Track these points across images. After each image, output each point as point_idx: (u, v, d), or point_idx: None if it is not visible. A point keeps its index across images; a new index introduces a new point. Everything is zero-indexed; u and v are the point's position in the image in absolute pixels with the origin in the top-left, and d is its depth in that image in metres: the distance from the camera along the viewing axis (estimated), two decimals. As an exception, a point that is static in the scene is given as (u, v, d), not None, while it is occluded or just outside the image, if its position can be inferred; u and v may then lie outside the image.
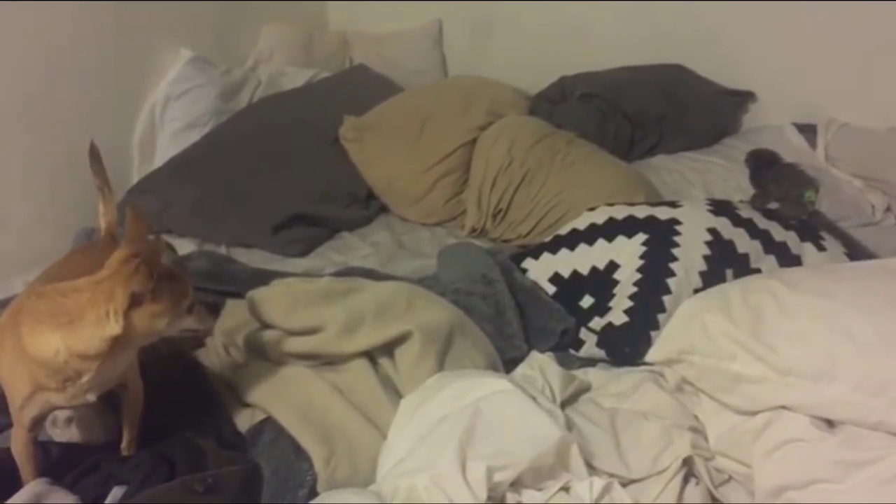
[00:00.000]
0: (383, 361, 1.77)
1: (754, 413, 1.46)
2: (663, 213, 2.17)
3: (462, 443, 1.36)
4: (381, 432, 1.65)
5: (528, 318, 2.08)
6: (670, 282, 1.99)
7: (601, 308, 2.05)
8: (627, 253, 2.09)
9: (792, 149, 3.12)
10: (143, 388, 1.67)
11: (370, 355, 1.78)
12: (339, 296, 1.84)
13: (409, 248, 2.79)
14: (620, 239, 2.13)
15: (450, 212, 2.94)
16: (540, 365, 1.71)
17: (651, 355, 1.59)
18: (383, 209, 3.04)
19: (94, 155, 1.89)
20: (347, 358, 1.76)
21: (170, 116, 3.15)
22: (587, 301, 2.10)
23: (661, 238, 2.08)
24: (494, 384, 1.49)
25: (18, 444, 1.61)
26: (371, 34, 3.91)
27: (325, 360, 1.79)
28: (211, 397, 1.79)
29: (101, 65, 2.91)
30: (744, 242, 2.12)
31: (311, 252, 2.73)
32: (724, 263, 2.06)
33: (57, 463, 1.67)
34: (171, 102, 3.16)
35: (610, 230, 2.17)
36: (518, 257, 2.32)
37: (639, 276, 2.02)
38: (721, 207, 2.22)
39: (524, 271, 2.25)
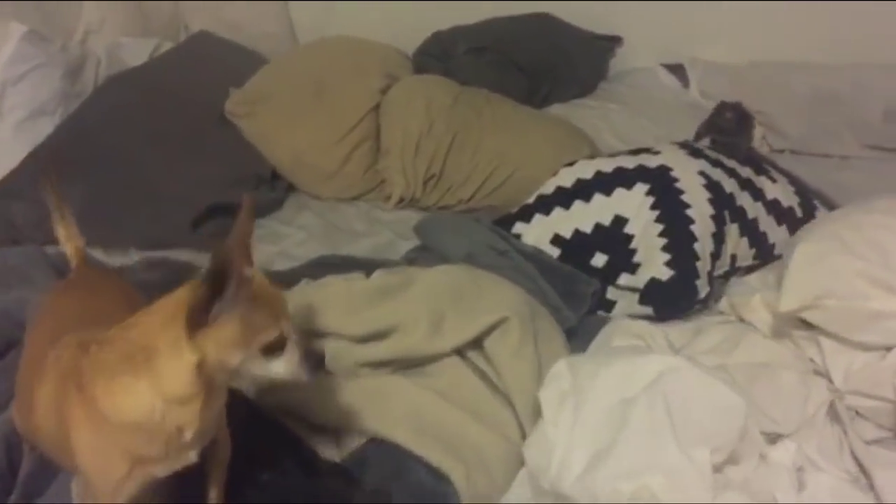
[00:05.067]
0: (472, 354, 1.60)
1: (890, 348, 1.50)
2: (650, 161, 2.16)
3: (677, 432, 1.26)
4: (500, 433, 1.51)
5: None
6: (694, 229, 1.99)
7: (624, 264, 2.00)
8: (633, 205, 2.06)
9: (664, 89, 3.26)
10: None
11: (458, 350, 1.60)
12: (398, 290, 1.64)
13: (342, 227, 2.57)
14: (620, 191, 2.09)
15: (369, 183, 2.74)
16: (638, 332, 1.64)
17: (784, 305, 1.56)
18: (290, 189, 2.76)
19: (48, 170, 1.53)
20: (436, 357, 1.57)
21: (10, 104, 2.64)
22: (599, 259, 2.04)
23: (663, 187, 2.07)
24: (661, 361, 1.40)
25: None
26: (206, -4, 3.50)
27: (405, 365, 1.59)
28: (273, 423, 1.52)
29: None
30: (727, 182, 2.17)
31: (238, 245, 2.41)
32: (722, 205, 2.09)
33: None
34: (8, 88, 2.64)
35: (603, 183, 2.12)
36: (503, 223, 2.20)
37: (661, 226, 1.99)
38: (692, 150, 2.25)
39: (517, 236, 2.14)
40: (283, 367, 1.20)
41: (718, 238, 2.02)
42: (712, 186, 2.11)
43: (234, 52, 3.21)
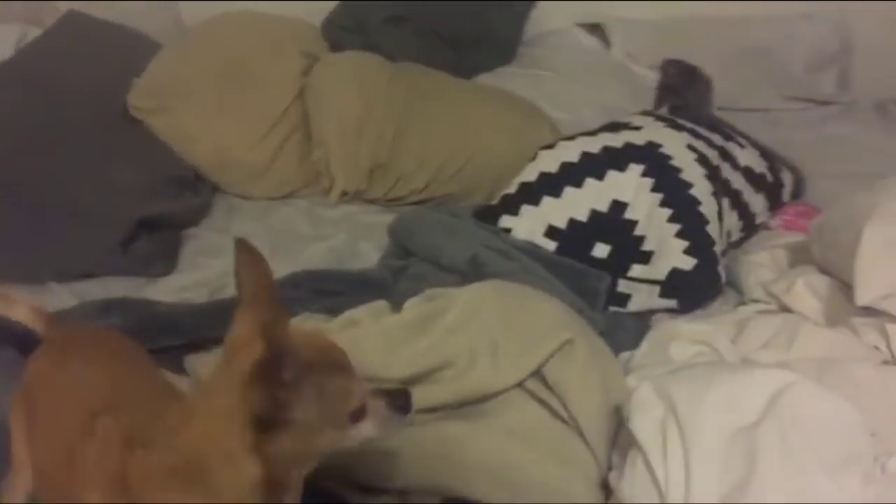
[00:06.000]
0: (529, 382, 1.41)
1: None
2: (635, 138, 2.03)
3: (821, 459, 1.14)
4: (580, 470, 1.35)
5: (553, 283, 1.82)
6: (703, 210, 1.88)
7: (632, 254, 1.86)
8: (630, 188, 1.92)
9: (587, 51, 3.13)
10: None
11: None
12: (434, 319, 1.43)
13: (285, 231, 2.30)
14: (613, 174, 1.95)
15: (304, 178, 2.47)
16: (698, 337, 1.51)
17: (862, 298, 1.46)
18: (214, 190, 2.45)
19: None
20: (497, 393, 1.38)
21: None
22: (602, 250, 1.90)
23: (659, 166, 1.94)
24: (772, 377, 1.25)
25: None
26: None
27: (459, 405, 1.39)
28: (329, 493, 1.29)
29: None
30: (711, 154, 2.07)
31: (176, 265, 2.11)
32: (714, 180, 2.00)
33: None
34: None
35: (593, 166, 1.97)
36: (485, 216, 2.02)
37: (669, 211, 1.86)
38: (670, 122, 2.14)
39: (507, 231, 1.96)
40: (373, 426, 1.04)
41: (720, 216, 1.92)
42: (703, 161, 2.01)
43: (115, 33, 2.80)
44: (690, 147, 2.01)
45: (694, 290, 1.80)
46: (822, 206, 2.24)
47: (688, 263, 1.79)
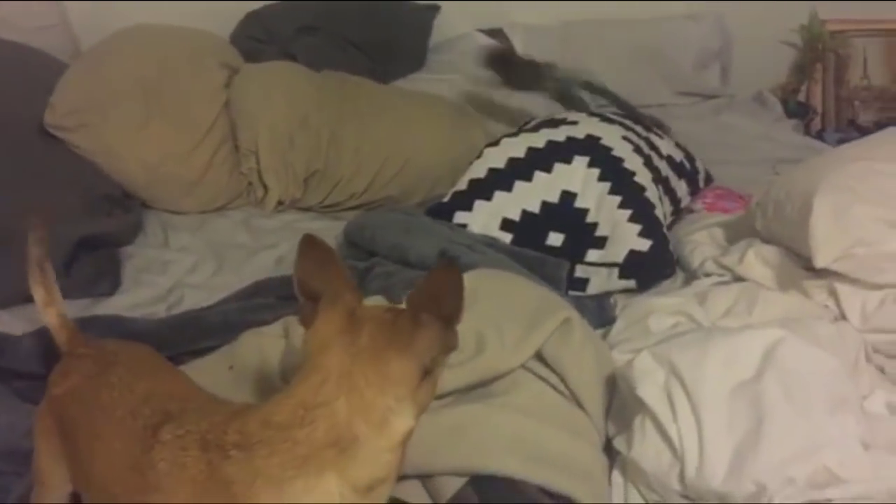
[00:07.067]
0: (528, 362, 1.47)
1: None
2: (575, 132, 2.13)
3: (823, 405, 1.25)
4: (587, 440, 1.41)
5: (517, 274, 1.89)
6: (648, 196, 1.99)
7: (587, 240, 1.95)
8: (578, 179, 2.01)
9: (489, 55, 3.22)
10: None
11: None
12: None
13: (225, 243, 2.27)
14: (560, 166, 2.03)
15: (235, 189, 2.44)
16: (676, 309, 1.61)
17: (821, 260, 1.57)
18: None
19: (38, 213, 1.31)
20: (507, 373, 1.43)
21: None
22: (556, 238, 1.98)
23: (603, 157, 2.05)
24: (762, 335, 1.36)
25: None
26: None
27: (469, 388, 1.43)
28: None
29: None
30: (642, 144, 2.20)
31: (120, 283, 2.04)
32: (650, 168, 2.12)
33: None
34: None
35: (540, 160, 2.05)
36: (438, 213, 2.06)
37: (618, 198, 1.96)
38: (603, 117, 2.26)
39: (463, 226, 2.02)
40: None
41: (661, 201, 2.05)
42: (638, 151, 2.13)
43: (12, 51, 2.66)
44: (625, 139, 2.12)
45: (652, 270, 1.90)
46: (735, 188, 2.43)
47: (644, 245, 1.89)
